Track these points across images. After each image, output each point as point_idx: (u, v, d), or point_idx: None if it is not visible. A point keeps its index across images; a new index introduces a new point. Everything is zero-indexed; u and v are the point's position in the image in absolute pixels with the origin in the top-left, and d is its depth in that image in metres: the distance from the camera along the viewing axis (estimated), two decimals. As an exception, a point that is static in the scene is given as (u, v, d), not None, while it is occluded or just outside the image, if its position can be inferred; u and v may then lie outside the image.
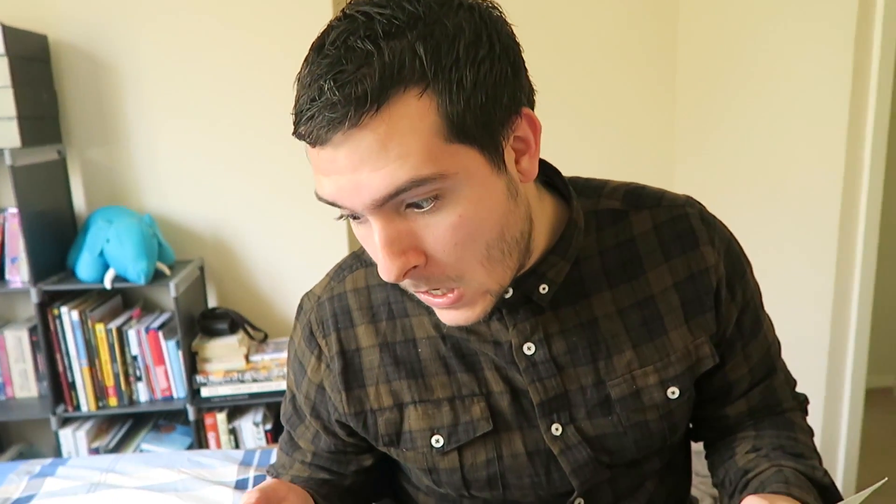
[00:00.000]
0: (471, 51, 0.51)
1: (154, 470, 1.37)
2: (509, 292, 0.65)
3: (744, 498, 0.59)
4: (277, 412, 2.10)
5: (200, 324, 2.09)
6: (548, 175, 0.70)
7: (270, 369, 2.03)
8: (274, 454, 1.10)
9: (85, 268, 1.94)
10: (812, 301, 1.84)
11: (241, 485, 1.33)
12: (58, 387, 1.98)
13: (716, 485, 0.76)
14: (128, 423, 2.15)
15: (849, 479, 1.90)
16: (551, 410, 0.68)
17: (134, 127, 2.12)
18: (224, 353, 2.04)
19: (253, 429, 2.05)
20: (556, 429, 0.68)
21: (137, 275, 1.90)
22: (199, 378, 2.01)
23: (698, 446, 0.84)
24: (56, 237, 2.02)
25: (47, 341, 1.95)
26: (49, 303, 1.95)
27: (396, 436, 0.71)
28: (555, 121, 2.18)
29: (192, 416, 2.01)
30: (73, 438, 2.01)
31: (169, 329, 2.03)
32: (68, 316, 1.93)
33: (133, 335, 1.99)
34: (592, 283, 0.68)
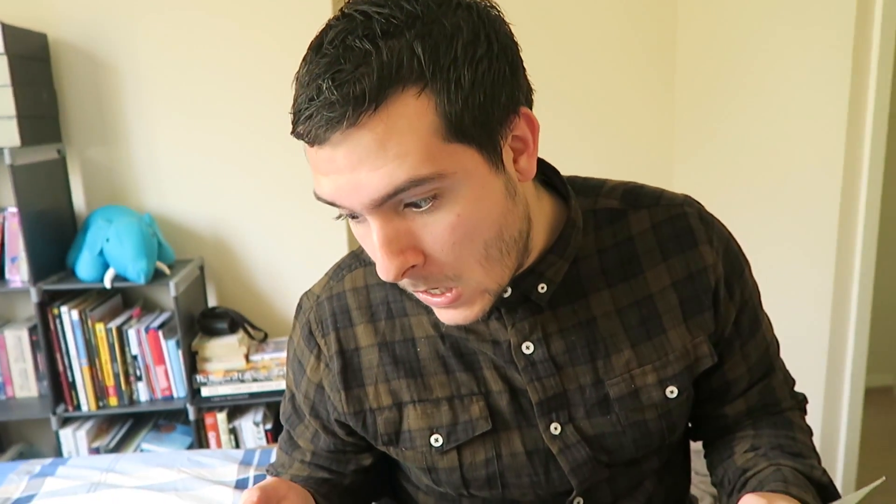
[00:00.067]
0: (469, 50, 0.51)
1: (154, 469, 1.37)
2: (508, 291, 0.65)
3: (742, 497, 0.59)
4: (277, 412, 2.10)
5: (200, 323, 2.09)
6: (546, 174, 0.70)
7: (270, 369, 2.03)
8: (274, 454, 1.10)
9: (85, 267, 1.94)
10: (811, 300, 1.84)
11: (242, 484, 1.33)
12: (58, 386, 1.98)
13: (714, 484, 0.77)
14: (128, 423, 2.15)
15: (848, 477, 1.90)
16: (550, 409, 0.68)
17: (134, 126, 2.12)
18: (224, 353, 2.04)
19: (253, 428, 2.05)
20: (555, 428, 0.68)
21: (137, 274, 1.90)
22: (200, 378, 2.01)
23: (698, 445, 0.84)
24: (56, 236, 2.02)
25: (47, 341, 1.95)
26: (49, 302, 1.95)
27: (395, 435, 0.71)
28: (554, 120, 2.18)
29: (192, 416, 2.01)
30: (73, 438, 2.01)
31: (169, 328, 2.03)
32: (68, 315, 1.93)
33: (133, 335, 1.99)
34: (591, 282, 0.68)
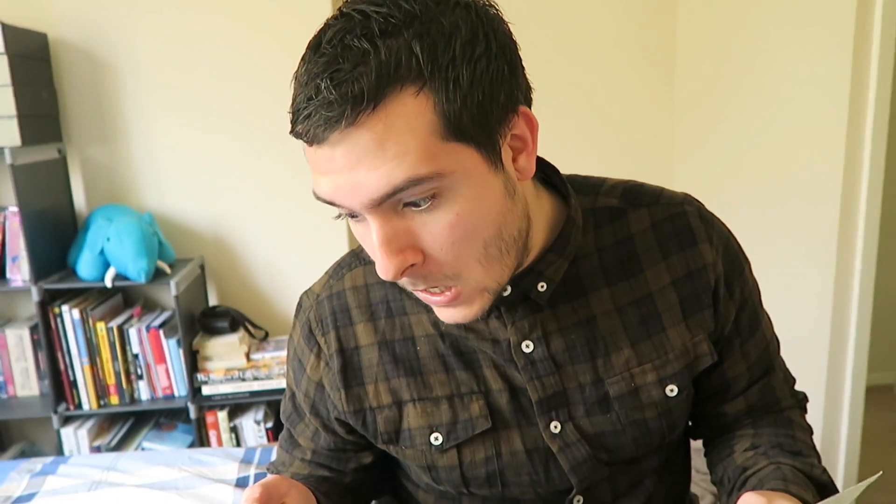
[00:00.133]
0: (467, 49, 0.51)
1: (155, 468, 1.38)
2: (507, 290, 0.65)
3: (742, 495, 0.59)
4: (278, 410, 2.09)
5: (201, 322, 2.10)
6: (546, 173, 0.70)
7: (271, 367, 2.04)
8: (274, 452, 1.10)
9: (85, 266, 1.94)
10: (812, 298, 1.84)
11: (242, 482, 1.33)
12: (59, 385, 1.99)
13: (714, 482, 0.77)
14: (129, 422, 2.15)
15: (849, 476, 1.90)
16: (550, 408, 0.68)
17: (134, 125, 2.12)
18: (225, 352, 2.04)
19: (254, 427, 2.05)
20: (555, 426, 0.68)
21: (138, 273, 1.90)
22: (200, 376, 2.01)
23: (698, 443, 0.84)
24: (56, 236, 2.03)
25: (48, 340, 1.95)
26: (50, 301, 1.95)
27: (395, 434, 0.71)
28: (554, 119, 2.18)
29: (193, 415, 2.02)
30: (74, 437, 2.02)
31: (170, 327, 2.03)
32: (69, 314, 1.94)
33: (134, 333, 1.99)
34: (590, 281, 0.68)
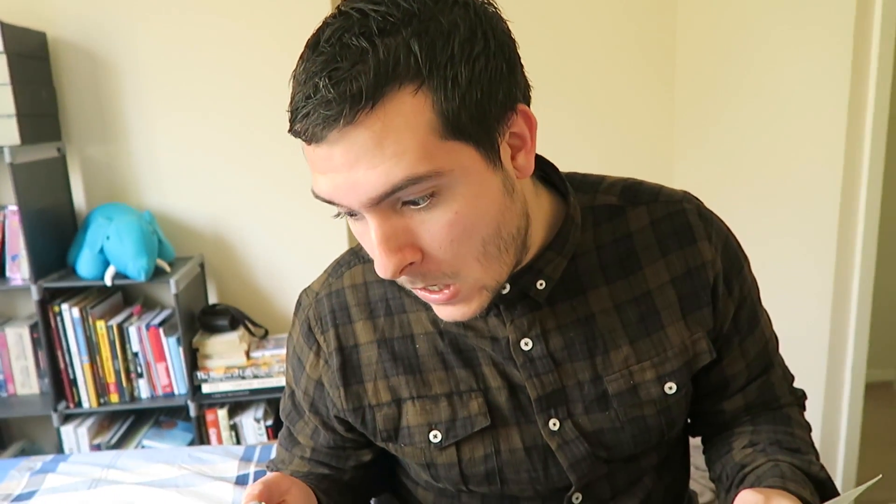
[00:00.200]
0: (466, 47, 0.51)
1: (155, 466, 1.38)
2: (506, 288, 0.65)
3: (740, 492, 0.60)
4: (278, 408, 2.09)
5: (201, 320, 2.10)
6: (545, 171, 0.70)
7: (271, 365, 2.04)
8: (274, 450, 1.10)
9: (85, 265, 1.94)
10: (812, 296, 1.84)
11: (242, 480, 1.34)
12: (59, 384, 1.99)
13: (713, 479, 0.77)
14: (129, 420, 2.15)
15: (849, 473, 1.90)
16: (549, 405, 0.68)
17: (133, 124, 2.12)
18: (225, 350, 2.04)
19: (254, 425, 2.05)
20: (554, 424, 0.68)
21: (138, 272, 1.90)
22: (200, 374, 2.01)
23: (697, 440, 0.84)
24: (56, 234, 2.03)
25: (48, 338, 1.95)
26: (50, 300, 1.95)
27: (394, 431, 0.71)
28: (554, 117, 2.18)
29: (193, 413, 2.02)
30: (74, 435, 2.02)
31: (169, 326, 2.04)
32: (69, 313, 1.94)
33: (134, 332, 1.99)
34: (589, 278, 0.68)
